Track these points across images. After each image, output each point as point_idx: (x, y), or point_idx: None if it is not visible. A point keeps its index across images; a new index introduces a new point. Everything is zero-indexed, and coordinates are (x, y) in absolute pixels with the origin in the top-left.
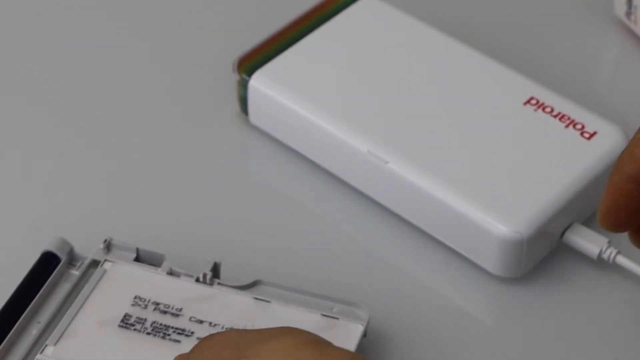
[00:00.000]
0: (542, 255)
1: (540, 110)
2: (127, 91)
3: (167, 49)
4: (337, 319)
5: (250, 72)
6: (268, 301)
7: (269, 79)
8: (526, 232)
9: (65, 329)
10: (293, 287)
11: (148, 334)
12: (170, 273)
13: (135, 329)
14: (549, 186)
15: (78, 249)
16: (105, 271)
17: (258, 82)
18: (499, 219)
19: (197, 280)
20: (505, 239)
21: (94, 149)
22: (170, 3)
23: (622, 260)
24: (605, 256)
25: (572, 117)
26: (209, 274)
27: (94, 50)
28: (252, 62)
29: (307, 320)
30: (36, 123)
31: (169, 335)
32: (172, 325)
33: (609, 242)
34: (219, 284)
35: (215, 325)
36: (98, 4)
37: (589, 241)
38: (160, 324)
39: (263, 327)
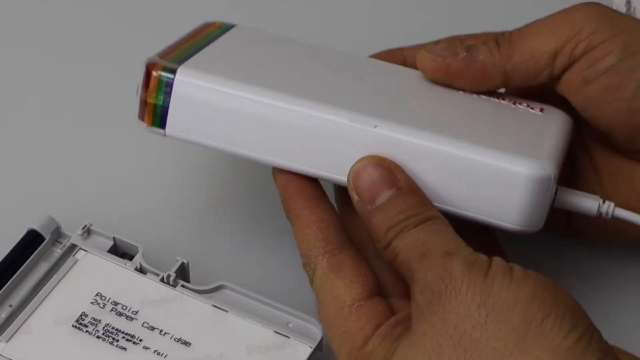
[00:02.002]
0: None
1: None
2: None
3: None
4: (288, 337)
5: (171, 71)
6: (226, 311)
7: (200, 71)
8: (552, 168)
9: (20, 325)
10: (255, 296)
11: (98, 337)
12: (139, 269)
13: (87, 331)
14: (540, 132)
15: (65, 228)
16: (76, 261)
17: (187, 76)
18: (521, 159)
19: (162, 280)
20: (533, 178)
21: (85, 130)
22: None
23: (620, 212)
24: (603, 210)
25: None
26: (173, 275)
27: (75, 37)
28: (171, 60)
29: (259, 335)
30: (25, 104)
31: (117, 341)
32: (123, 330)
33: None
34: (182, 286)
35: (165, 334)
36: None
37: (584, 198)
38: (112, 328)
39: (214, 338)
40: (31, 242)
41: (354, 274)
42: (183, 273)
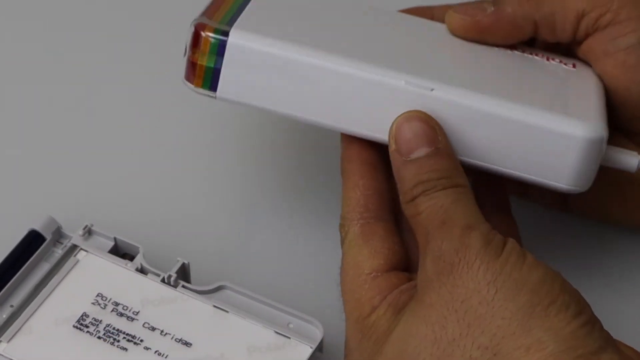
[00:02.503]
0: None
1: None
2: (119, 75)
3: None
4: (288, 338)
5: (223, 33)
6: (226, 311)
7: (253, 32)
8: (604, 129)
9: (21, 326)
10: (256, 296)
11: (99, 338)
12: (140, 269)
13: (88, 331)
14: (583, 91)
15: (66, 229)
16: (77, 262)
17: (240, 38)
18: (576, 122)
19: (163, 280)
20: (589, 140)
21: (86, 130)
22: None
23: None
24: None
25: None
26: (174, 276)
27: (78, 34)
28: (219, 22)
29: (260, 336)
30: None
31: (118, 341)
32: (124, 330)
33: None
34: (183, 286)
35: (165, 334)
36: None
37: (624, 155)
38: (113, 328)
39: (215, 338)
40: (32, 242)
41: (381, 245)
42: (184, 273)
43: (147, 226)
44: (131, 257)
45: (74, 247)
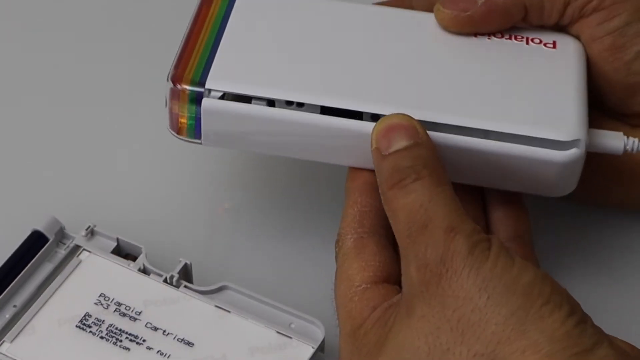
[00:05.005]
0: None
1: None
2: (122, 76)
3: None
4: (290, 338)
5: (199, 83)
6: (228, 311)
7: (228, 81)
8: (583, 141)
9: (24, 326)
10: (258, 297)
11: (101, 338)
12: (142, 270)
13: (90, 331)
14: (560, 91)
15: (69, 229)
16: (80, 262)
17: (216, 89)
18: (553, 149)
19: (165, 281)
20: (568, 161)
21: (88, 131)
22: None
23: None
24: (629, 146)
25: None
26: (176, 276)
27: (80, 35)
28: (193, 73)
29: (261, 336)
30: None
31: (120, 341)
32: (126, 330)
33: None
34: (185, 286)
35: (168, 334)
36: None
37: (609, 138)
38: (116, 328)
39: (217, 339)
40: (35, 242)
41: (372, 258)
42: (186, 274)
43: (150, 227)
44: (134, 258)
45: (76, 248)
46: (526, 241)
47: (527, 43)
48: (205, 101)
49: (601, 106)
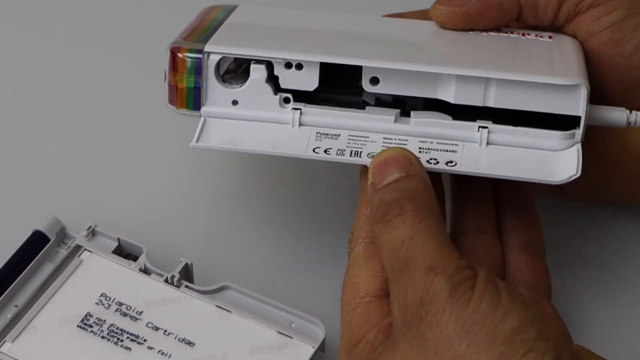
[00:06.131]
0: None
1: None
2: (123, 76)
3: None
4: (290, 337)
5: (197, 51)
6: (229, 311)
7: (227, 45)
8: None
9: (26, 326)
10: (258, 296)
11: (102, 337)
12: (143, 270)
13: (92, 331)
14: (561, 58)
15: (70, 229)
16: (81, 262)
17: (215, 49)
18: (557, 79)
19: (166, 281)
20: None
21: (90, 131)
22: None
23: None
24: (632, 119)
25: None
26: (177, 276)
27: (83, 36)
28: (194, 42)
29: (262, 336)
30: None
31: (122, 341)
32: (127, 330)
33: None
34: (186, 286)
35: (169, 334)
36: None
37: (612, 111)
38: (117, 328)
39: (217, 338)
40: (36, 243)
41: (380, 269)
42: (187, 274)
43: (151, 227)
44: (135, 258)
45: (77, 248)
46: (538, 250)
47: (523, 36)
48: (208, 48)
49: (603, 101)
